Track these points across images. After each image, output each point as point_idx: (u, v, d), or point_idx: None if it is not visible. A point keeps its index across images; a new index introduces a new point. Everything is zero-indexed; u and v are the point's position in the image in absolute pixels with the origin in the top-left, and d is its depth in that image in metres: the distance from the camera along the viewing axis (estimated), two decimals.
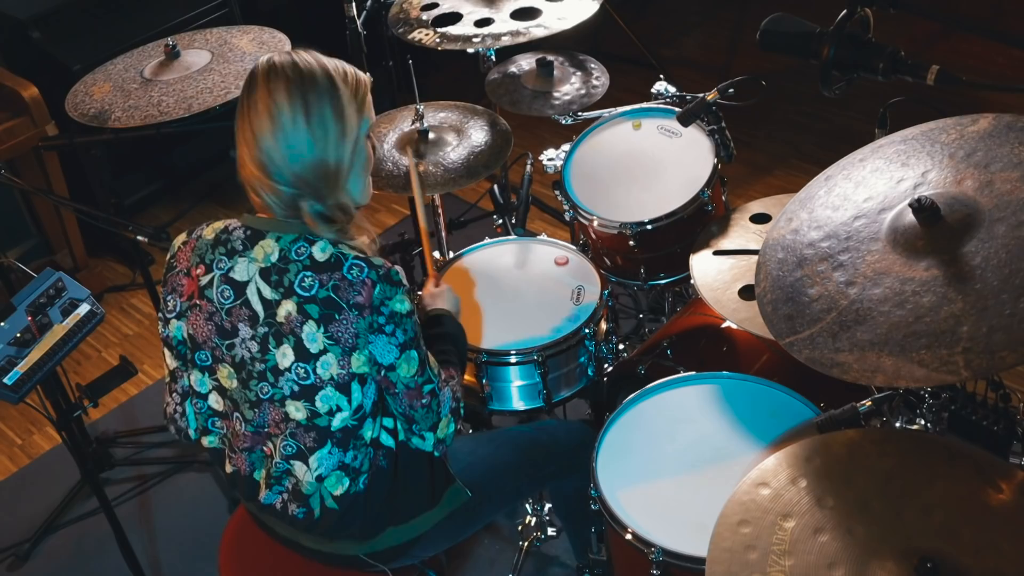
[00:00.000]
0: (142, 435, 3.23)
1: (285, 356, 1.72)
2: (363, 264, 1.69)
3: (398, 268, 1.73)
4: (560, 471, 2.16)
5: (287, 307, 1.70)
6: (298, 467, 1.80)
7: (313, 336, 1.69)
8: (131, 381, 3.17)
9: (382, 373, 1.75)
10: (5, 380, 2.09)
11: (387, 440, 1.85)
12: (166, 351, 1.86)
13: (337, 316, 1.68)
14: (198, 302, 1.76)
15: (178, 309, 1.79)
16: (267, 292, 1.71)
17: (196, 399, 1.86)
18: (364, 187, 1.81)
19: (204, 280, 1.76)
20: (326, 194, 1.73)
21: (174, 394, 1.89)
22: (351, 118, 1.72)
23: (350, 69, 1.76)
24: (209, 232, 1.79)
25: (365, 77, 1.79)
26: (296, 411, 1.75)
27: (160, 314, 1.84)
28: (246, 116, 1.69)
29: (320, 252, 1.70)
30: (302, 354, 1.71)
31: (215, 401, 1.85)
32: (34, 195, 3.67)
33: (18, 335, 2.15)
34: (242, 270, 1.73)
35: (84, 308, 2.22)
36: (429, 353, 1.82)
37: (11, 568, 2.90)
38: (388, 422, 1.85)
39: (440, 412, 1.82)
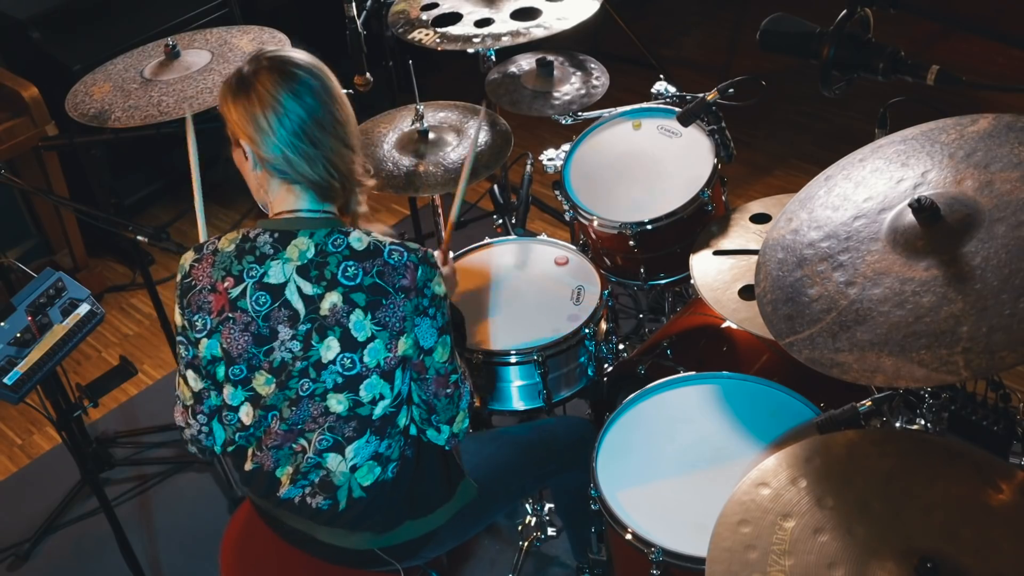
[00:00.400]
0: (142, 435, 3.23)
1: (330, 349, 1.73)
2: (402, 248, 1.73)
3: (431, 251, 1.77)
4: (561, 467, 2.17)
5: (332, 299, 1.71)
6: (331, 459, 1.81)
7: (361, 324, 1.71)
8: (131, 381, 3.17)
9: (420, 357, 1.78)
10: (5, 380, 2.09)
11: (413, 430, 1.87)
12: (189, 373, 1.82)
13: (384, 301, 1.71)
14: (231, 315, 1.74)
15: (208, 327, 1.76)
16: (308, 288, 1.72)
17: (227, 411, 1.84)
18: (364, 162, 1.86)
19: (235, 292, 1.74)
20: (345, 141, 1.77)
21: (198, 415, 1.85)
22: (343, 99, 1.77)
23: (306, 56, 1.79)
24: (225, 244, 1.77)
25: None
26: (337, 404, 1.76)
27: (183, 336, 1.80)
28: (253, 115, 1.70)
29: (357, 242, 1.73)
30: (349, 344, 1.72)
31: (245, 414, 1.82)
32: (34, 195, 3.67)
33: (18, 335, 2.15)
34: (277, 272, 1.73)
35: (84, 308, 2.22)
36: None
37: (11, 568, 2.90)
38: (415, 412, 1.86)
39: (459, 405, 1.85)
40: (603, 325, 2.38)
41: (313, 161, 1.71)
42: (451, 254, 2.35)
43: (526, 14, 2.69)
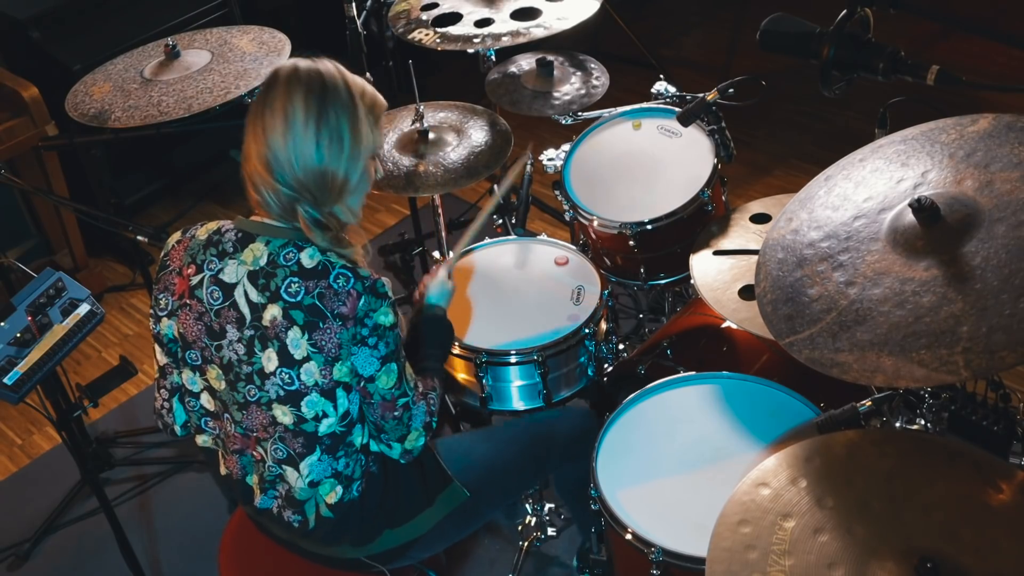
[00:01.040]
0: (142, 435, 3.23)
1: (270, 360, 1.72)
2: (350, 274, 1.69)
3: (384, 280, 1.73)
4: (562, 460, 2.15)
5: (273, 311, 1.70)
6: (290, 473, 1.80)
7: (297, 342, 1.69)
8: (131, 381, 3.16)
9: (361, 384, 1.75)
10: (5, 380, 2.09)
11: (375, 445, 1.85)
12: (156, 347, 1.87)
13: (321, 324, 1.68)
14: (188, 301, 1.77)
15: (169, 307, 1.80)
16: (254, 295, 1.72)
17: (189, 397, 1.87)
18: (360, 205, 1.81)
19: (195, 280, 1.76)
20: (324, 202, 1.73)
21: (162, 390, 1.90)
22: (366, 136, 1.73)
23: (369, 89, 1.77)
24: (203, 232, 1.80)
25: (382, 100, 1.80)
26: (283, 415, 1.75)
27: (152, 310, 1.85)
28: (260, 112, 1.70)
29: (308, 259, 1.70)
30: (286, 359, 1.71)
31: (207, 401, 1.86)
32: (34, 195, 3.67)
33: (18, 335, 2.15)
34: (231, 272, 1.74)
35: (84, 308, 2.22)
36: (407, 364, 1.81)
37: (11, 568, 2.90)
38: (368, 429, 1.84)
39: (411, 425, 1.81)
40: (603, 325, 2.38)
41: (280, 199, 1.71)
42: (446, 257, 2.34)
43: (526, 14, 2.69)
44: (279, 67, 1.73)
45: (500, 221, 3.32)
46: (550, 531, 2.62)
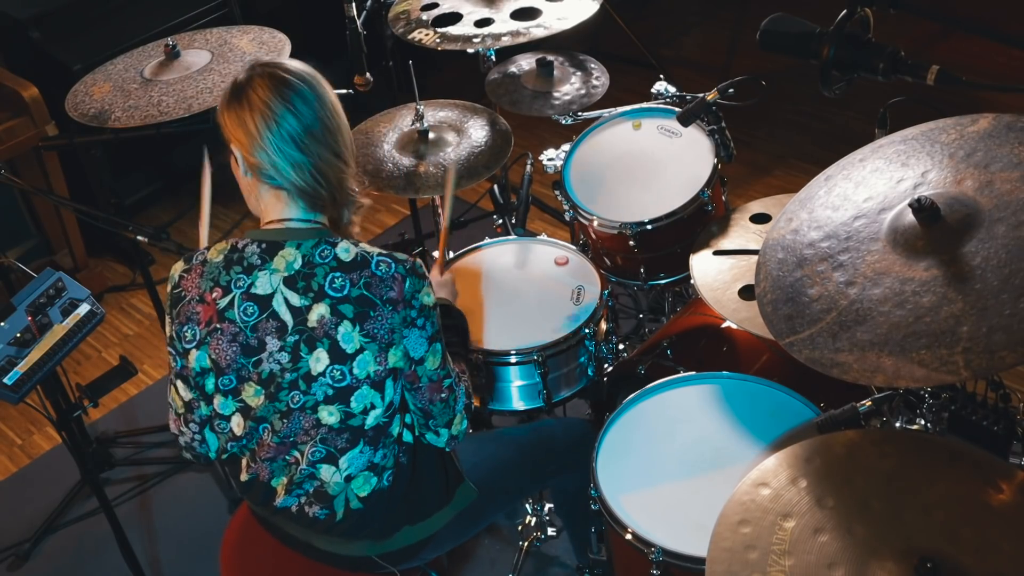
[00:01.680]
0: (142, 435, 3.23)
1: (319, 361, 1.71)
2: (389, 260, 1.72)
3: (420, 261, 1.76)
4: (560, 469, 2.16)
5: (319, 310, 1.70)
6: (325, 470, 1.80)
7: (349, 336, 1.70)
8: (131, 381, 3.17)
9: (412, 367, 1.77)
10: (5, 380, 2.09)
11: (407, 436, 1.87)
12: (179, 383, 1.81)
13: (372, 313, 1.70)
14: (218, 325, 1.73)
15: (198, 338, 1.75)
16: (295, 299, 1.71)
17: (219, 421, 1.82)
18: None
19: (223, 302, 1.73)
20: (339, 150, 1.76)
21: (191, 424, 1.85)
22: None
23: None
24: (215, 254, 1.76)
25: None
26: (329, 415, 1.75)
27: (172, 348, 1.79)
28: (269, 127, 1.69)
29: (344, 253, 1.72)
30: (338, 356, 1.71)
31: (236, 424, 1.80)
32: (34, 195, 3.67)
33: (18, 335, 2.15)
34: (264, 283, 1.72)
35: (84, 308, 2.22)
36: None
37: (11, 568, 2.90)
38: (408, 418, 1.86)
39: (456, 408, 1.84)
40: (603, 325, 2.38)
41: (300, 168, 1.70)
42: (449, 253, 2.34)
43: (526, 14, 2.69)
44: (243, 82, 1.73)
45: (500, 221, 3.32)
46: (550, 531, 2.62)
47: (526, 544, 2.62)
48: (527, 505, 2.63)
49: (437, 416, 1.83)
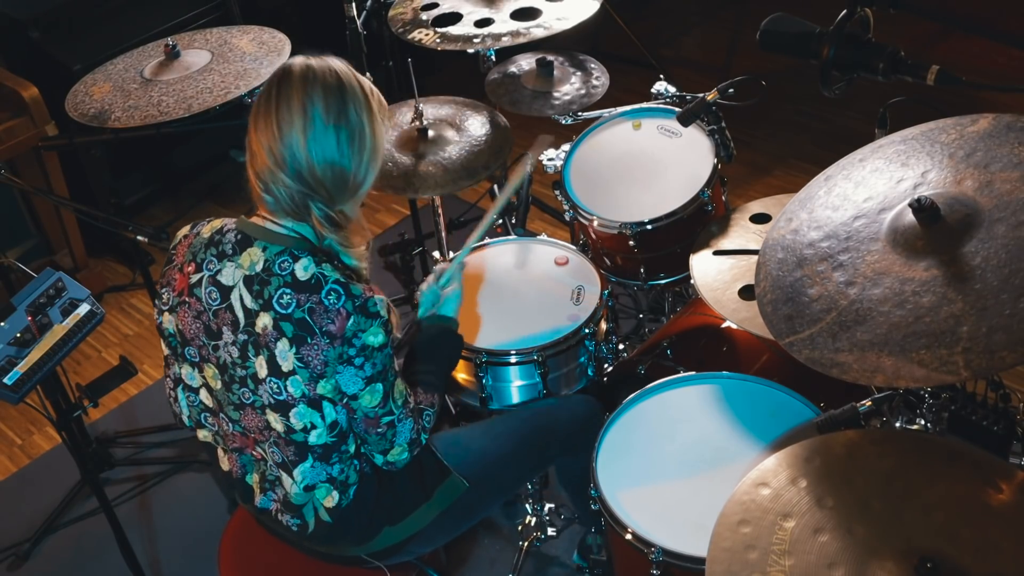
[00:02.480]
0: (142, 435, 3.23)
1: (262, 367, 1.72)
2: (341, 291, 1.67)
3: (377, 299, 1.70)
4: (565, 450, 2.15)
5: (264, 320, 1.69)
6: (285, 478, 1.80)
7: (285, 354, 1.69)
8: (131, 381, 3.17)
9: (345, 400, 1.74)
10: (5, 380, 2.09)
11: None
12: (161, 338, 1.88)
13: (309, 340, 1.67)
14: (187, 299, 1.77)
15: (170, 303, 1.81)
16: (248, 301, 1.71)
17: (188, 392, 1.88)
18: (359, 203, 1.82)
19: (194, 278, 1.76)
20: (338, 199, 1.73)
21: (168, 379, 1.91)
22: (381, 138, 1.74)
23: (376, 89, 1.77)
24: (207, 230, 1.80)
25: (385, 101, 1.80)
26: (275, 422, 1.75)
27: (156, 302, 1.85)
28: (273, 108, 1.67)
29: (302, 271, 1.69)
30: (274, 369, 1.70)
31: (205, 397, 1.86)
32: (34, 195, 3.67)
33: (18, 335, 2.15)
34: (229, 274, 1.73)
35: (84, 308, 2.22)
36: (398, 381, 1.80)
37: (11, 568, 2.90)
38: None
39: (394, 441, 1.80)
40: (603, 325, 2.38)
41: (292, 196, 1.70)
42: (446, 258, 2.33)
43: (526, 14, 2.69)
44: (291, 64, 1.71)
45: (500, 221, 3.32)
46: (550, 531, 2.62)
47: (526, 544, 2.62)
48: (527, 505, 2.63)
49: (372, 444, 1.81)
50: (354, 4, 2.79)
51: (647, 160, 2.68)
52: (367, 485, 1.85)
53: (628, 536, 1.83)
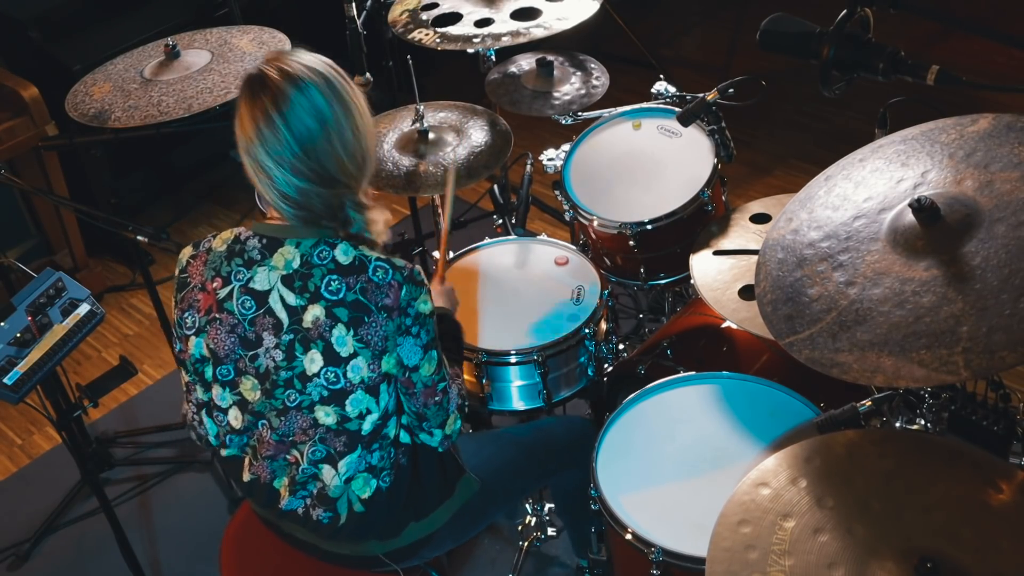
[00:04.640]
0: (142, 435, 3.23)
1: (313, 361, 1.71)
2: (387, 266, 1.70)
3: (419, 268, 1.74)
4: (561, 467, 2.17)
5: (314, 312, 1.69)
6: (326, 471, 1.80)
7: (343, 339, 1.69)
8: (131, 381, 3.17)
9: (406, 374, 1.76)
10: (5, 380, 2.09)
11: (405, 437, 1.86)
12: (182, 369, 1.84)
13: (367, 319, 1.69)
14: (217, 315, 1.74)
15: (197, 325, 1.77)
16: (291, 299, 1.70)
17: (217, 412, 1.84)
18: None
19: (222, 293, 1.74)
20: (360, 184, 1.74)
21: (190, 404, 1.88)
22: (361, 98, 1.73)
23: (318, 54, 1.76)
24: (219, 243, 1.77)
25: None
26: (326, 416, 1.74)
27: (176, 330, 1.82)
28: (281, 123, 1.63)
29: (343, 255, 1.70)
30: (331, 358, 1.70)
31: (234, 418, 1.81)
32: (34, 195, 3.67)
33: (18, 335, 2.15)
34: (262, 279, 1.72)
35: (84, 308, 2.22)
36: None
37: (11, 568, 2.90)
38: (404, 419, 1.86)
39: (449, 408, 1.84)
40: (603, 325, 2.38)
41: (285, 197, 1.68)
42: (449, 254, 2.34)
43: (526, 14, 2.69)
44: (267, 80, 1.65)
45: (500, 221, 3.32)
46: (550, 531, 2.62)
47: (526, 544, 2.62)
48: (527, 505, 2.63)
49: (431, 418, 1.83)
50: (354, 4, 2.79)
51: (647, 160, 2.68)
52: (401, 476, 1.86)
53: (628, 536, 1.83)
